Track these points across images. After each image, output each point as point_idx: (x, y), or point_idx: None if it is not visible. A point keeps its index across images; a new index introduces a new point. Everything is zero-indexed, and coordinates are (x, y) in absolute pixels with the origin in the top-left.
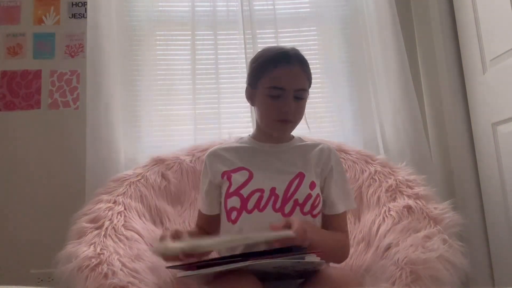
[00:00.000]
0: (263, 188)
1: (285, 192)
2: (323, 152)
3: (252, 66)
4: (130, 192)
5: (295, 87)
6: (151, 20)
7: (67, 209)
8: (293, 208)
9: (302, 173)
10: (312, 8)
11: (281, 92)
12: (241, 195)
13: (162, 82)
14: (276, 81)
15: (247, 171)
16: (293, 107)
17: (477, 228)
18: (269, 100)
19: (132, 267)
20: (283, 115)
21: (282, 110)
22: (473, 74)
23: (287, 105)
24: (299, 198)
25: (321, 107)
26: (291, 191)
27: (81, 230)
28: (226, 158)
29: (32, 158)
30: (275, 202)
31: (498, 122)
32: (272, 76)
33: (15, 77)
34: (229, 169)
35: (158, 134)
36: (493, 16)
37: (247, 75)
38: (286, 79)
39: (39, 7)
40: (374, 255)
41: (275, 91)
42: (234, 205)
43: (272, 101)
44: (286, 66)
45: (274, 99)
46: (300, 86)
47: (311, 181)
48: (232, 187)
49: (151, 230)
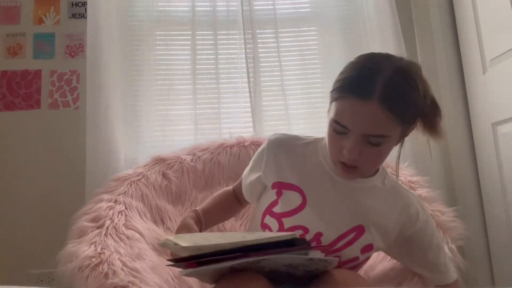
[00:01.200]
0: (308, 228)
1: (330, 244)
2: (407, 212)
3: (337, 77)
4: (131, 191)
5: (366, 132)
6: (151, 20)
7: (67, 209)
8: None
9: (362, 227)
10: (312, 8)
11: (344, 129)
12: (281, 223)
13: (162, 82)
14: (340, 116)
15: (300, 196)
16: (359, 152)
17: (477, 228)
18: (332, 133)
19: (133, 266)
20: (346, 157)
21: (343, 151)
22: (473, 74)
23: (350, 148)
24: (342, 257)
25: (321, 107)
26: (338, 246)
27: (82, 229)
28: (285, 162)
29: (32, 158)
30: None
31: (498, 122)
32: (338, 108)
33: (15, 77)
34: (282, 180)
35: (158, 134)
36: (493, 16)
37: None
38: (355, 120)
39: (39, 7)
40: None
41: (338, 127)
42: (271, 225)
43: (335, 135)
44: (361, 101)
45: (338, 134)
46: (373, 131)
47: (369, 243)
48: (277, 208)
49: (152, 230)
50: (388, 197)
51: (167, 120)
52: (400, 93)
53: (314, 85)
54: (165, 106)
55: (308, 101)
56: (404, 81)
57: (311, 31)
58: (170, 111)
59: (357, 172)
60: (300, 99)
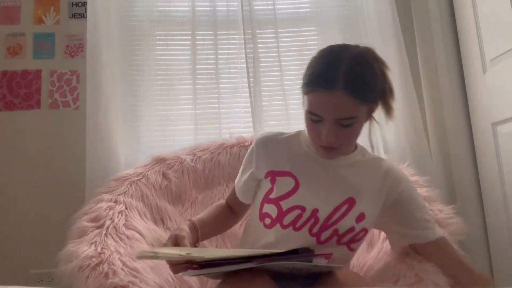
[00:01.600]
0: (305, 207)
1: (327, 218)
2: (387, 177)
3: (304, 72)
4: (131, 191)
5: (336, 116)
6: (151, 20)
7: (67, 209)
8: (331, 236)
9: (352, 199)
10: (312, 8)
11: (320, 118)
12: (279, 207)
13: (162, 82)
14: (312, 107)
15: (293, 179)
16: (335, 135)
17: (477, 228)
18: (309, 122)
19: (133, 266)
20: (324, 141)
21: (321, 137)
22: (473, 74)
23: (325, 133)
24: (340, 229)
25: None
26: (334, 219)
27: (82, 229)
28: (275, 153)
29: (32, 158)
30: (313, 226)
31: (498, 122)
32: (310, 101)
33: (15, 77)
34: (275, 169)
35: (158, 134)
36: (493, 16)
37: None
38: (324, 108)
39: (39, 7)
40: (376, 255)
41: (313, 117)
42: (270, 212)
43: (312, 124)
44: (326, 92)
45: (314, 123)
46: (341, 116)
47: (360, 212)
48: (273, 194)
49: (152, 230)
50: (370, 168)
51: (167, 120)
52: (360, 78)
53: None
54: (165, 106)
55: None
56: (363, 67)
57: (311, 31)
58: (170, 111)
59: (337, 152)
60: (300, 99)
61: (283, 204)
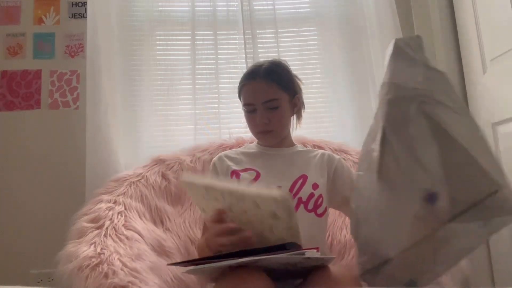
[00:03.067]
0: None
1: (289, 190)
2: (324, 156)
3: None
4: (131, 192)
5: (262, 100)
6: (151, 20)
7: (67, 209)
8: (297, 205)
9: (305, 175)
10: (312, 8)
11: (252, 107)
12: None
13: (162, 82)
14: (245, 99)
15: (254, 171)
16: (266, 118)
17: None
18: (246, 115)
19: (133, 266)
20: (259, 127)
21: (256, 123)
22: (473, 74)
23: (258, 118)
24: (302, 197)
25: (321, 107)
26: (295, 190)
27: (82, 230)
28: (234, 159)
29: (32, 158)
30: None
31: (498, 122)
32: (242, 95)
33: (15, 77)
34: (238, 168)
35: (158, 134)
36: (493, 16)
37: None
38: (252, 95)
39: (39, 7)
40: None
41: (248, 107)
42: None
43: (249, 116)
44: (251, 83)
45: (250, 113)
46: (266, 98)
47: (313, 182)
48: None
49: (152, 230)
50: (308, 153)
51: (167, 120)
52: (276, 70)
53: (314, 85)
54: (165, 106)
55: (308, 101)
56: (279, 66)
57: (311, 31)
58: (170, 111)
59: (274, 134)
60: None
61: None
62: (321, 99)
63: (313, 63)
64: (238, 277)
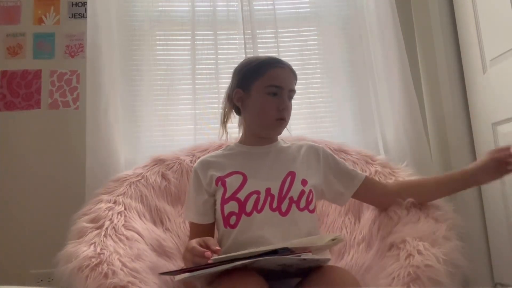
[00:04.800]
0: (258, 190)
1: (279, 191)
2: (310, 149)
3: (244, 70)
4: (130, 192)
5: (290, 87)
6: (151, 20)
7: (67, 209)
8: (290, 205)
9: (292, 172)
10: (312, 8)
11: (278, 90)
12: (238, 199)
13: (162, 82)
14: (274, 80)
15: (240, 175)
16: (288, 106)
17: (477, 228)
18: (267, 98)
19: (132, 267)
20: (281, 113)
21: (280, 107)
22: (473, 74)
23: (284, 103)
24: (293, 196)
25: (321, 107)
26: (285, 189)
27: (81, 230)
28: (217, 163)
29: (32, 158)
30: (272, 202)
31: (498, 122)
32: (270, 76)
33: (15, 77)
34: (222, 174)
35: (158, 134)
36: (493, 16)
37: (238, 80)
38: (283, 78)
39: (39, 7)
40: (375, 255)
41: (273, 89)
42: (232, 209)
43: (269, 99)
44: (281, 67)
45: (272, 96)
46: (293, 87)
47: (302, 178)
48: (228, 192)
49: (151, 230)
50: (291, 148)
51: (167, 120)
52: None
53: (314, 85)
54: (165, 106)
55: (308, 101)
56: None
57: (311, 31)
58: (170, 111)
59: (285, 125)
60: (300, 99)
61: (240, 196)
62: (321, 99)
63: (313, 63)
64: (234, 279)
